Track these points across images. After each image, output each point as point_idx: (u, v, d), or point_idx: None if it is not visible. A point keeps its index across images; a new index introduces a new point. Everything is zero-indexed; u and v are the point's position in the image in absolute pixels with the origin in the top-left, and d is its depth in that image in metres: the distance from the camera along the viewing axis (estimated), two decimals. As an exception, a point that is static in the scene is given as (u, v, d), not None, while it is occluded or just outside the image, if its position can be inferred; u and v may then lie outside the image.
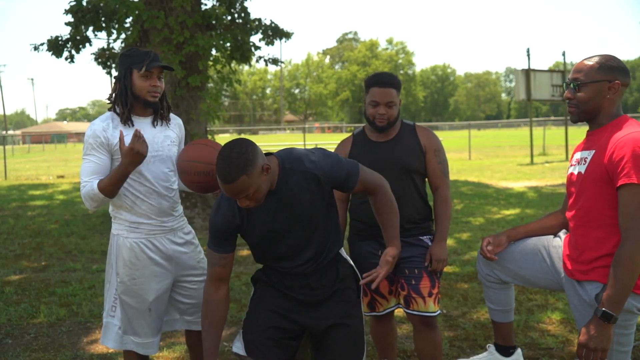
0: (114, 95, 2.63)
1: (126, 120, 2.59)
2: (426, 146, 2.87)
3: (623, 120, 2.36)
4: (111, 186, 2.48)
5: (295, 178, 2.22)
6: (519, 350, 3.00)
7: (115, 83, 2.64)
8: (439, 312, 2.83)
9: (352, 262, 2.54)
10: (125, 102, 2.59)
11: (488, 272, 2.87)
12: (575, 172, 2.44)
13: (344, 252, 2.51)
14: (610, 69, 2.34)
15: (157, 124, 2.69)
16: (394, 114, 2.80)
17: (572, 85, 2.41)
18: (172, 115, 2.80)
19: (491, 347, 3.06)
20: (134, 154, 2.41)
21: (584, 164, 2.38)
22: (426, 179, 2.96)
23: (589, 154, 2.37)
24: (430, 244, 2.87)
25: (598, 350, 2.22)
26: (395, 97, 2.79)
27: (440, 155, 2.90)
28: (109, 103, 2.66)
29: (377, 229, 2.74)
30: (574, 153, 2.53)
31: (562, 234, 2.67)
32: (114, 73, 2.72)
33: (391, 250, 2.37)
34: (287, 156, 2.26)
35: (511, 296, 2.94)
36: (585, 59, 2.41)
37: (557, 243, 2.64)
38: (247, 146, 2.06)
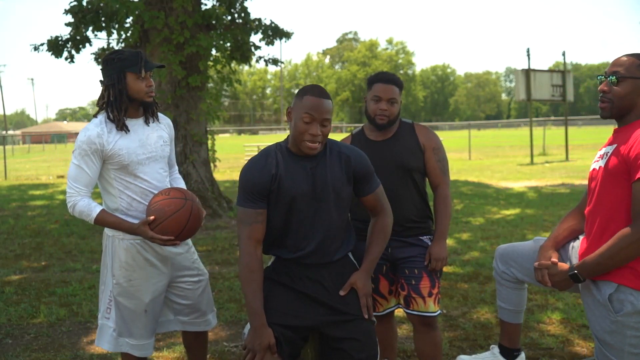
0: (105, 101, 2.57)
1: (122, 127, 2.56)
2: (425, 145, 2.87)
3: None
4: (107, 225, 2.57)
5: (332, 155, 2.40)
6: (522, 355, 2.99)
7: (106, 89, 2.57)
8: (439, 312, 2.83)
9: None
10: (121, 108, 2.56)
11: (504, 270, 2.86)
12: (597, 167, 2.40)
13: (352, 257, 2.52)
14: None
15: (149, 122, 2.68)
16: (395, 112, 2.80)
17: (610, 78, 2.33)
18: (161, 115, 2.79)
19: (494, 348, 3.05)
20: (146, 237, 2.52)
21: (604, 159, 2.35)
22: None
23: (610, 149, 2.34)
24: (430, 244, 2.86)
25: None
26: (397, 94, 2.79)
27: (440, 153, 2.90)
28: (100, 109, 2.60)
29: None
30: (599, 150, 2.50)
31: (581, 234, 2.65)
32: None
33: (358, 281, 2.40)
34: (329, 139, 2.45)
35: (523, 297, 2.92)
36: (625, 55, 2.35)
37: (575, 243, 2.62)
38: None
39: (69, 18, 8.71)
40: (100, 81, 2.61)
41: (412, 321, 2.87)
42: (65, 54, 9.04)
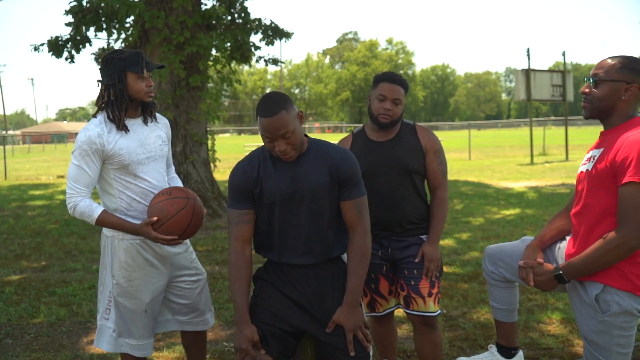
0: (105, 101, 2.56)
1: (123, 126, 2.56)
2: (427, 147, 2.87)
3: (637, 121, 2.34)
4: (109, 225, 2.57)
5: (317, 157, 2.36)
6: (520, 353, 2.99)
7: (105, 89, 2.56)
8: (439, 312, 2.83)
9: None
10: (121, 107, 2.55)
11: (493, 270, 2.87)
12: (584, 170, 2.43)
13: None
14: (631, 71, 2.32)
15: (148, 122, 2.68)
16: (399, 112, 2.80)
17: (591, 81, 2.39)
18: (158, 115, 2.79)
19: (492, 348, 3.05)
20: (150, 238, 2.52)
21: (592, 162, 2.37)
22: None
23: (597, 152, 2.37)
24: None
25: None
26: (402, 95, 2.80)
27: (441, 156, 2.90)
28: (100, 109, 2.59)
29: (376, 229, 2.74)
30: (587, 152, 2.52)
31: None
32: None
33: (341, 317, 2.26)
34: (318, 140, 2.43)
35: (516, 296, 2.93)
36: (609, 57, 2.39)
37: (562, 244, 2.64)
38: (284, 94, 2.31)
39: (69, 18, 8.71)
40: (99, 81, 2.60)
41: (412, 321, 2.87)
42: (65, 54, 9.04)
